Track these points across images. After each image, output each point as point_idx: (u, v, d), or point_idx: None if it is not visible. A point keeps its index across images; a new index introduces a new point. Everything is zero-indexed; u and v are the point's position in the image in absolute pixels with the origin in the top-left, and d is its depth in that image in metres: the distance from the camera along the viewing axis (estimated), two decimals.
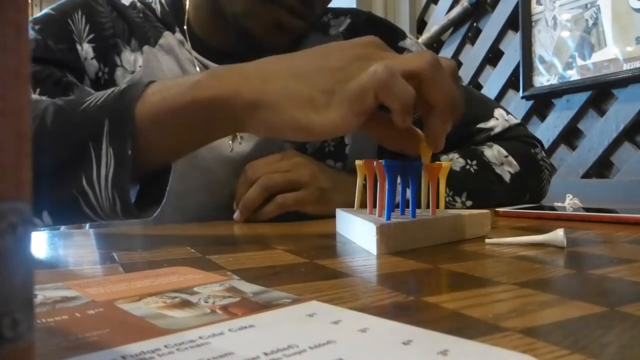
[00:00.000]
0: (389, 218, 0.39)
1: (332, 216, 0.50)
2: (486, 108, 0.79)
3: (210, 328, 0.19)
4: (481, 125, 0.77)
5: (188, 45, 0.73)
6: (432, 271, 0.30)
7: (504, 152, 0.72)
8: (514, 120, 0.80)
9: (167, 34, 0.72)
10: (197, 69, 0.72)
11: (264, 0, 0.64)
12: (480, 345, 0.17)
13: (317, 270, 0.31)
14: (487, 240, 0.39)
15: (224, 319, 0.20)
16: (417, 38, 1.58)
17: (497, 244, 0.39)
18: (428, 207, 0.43)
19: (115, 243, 0.47)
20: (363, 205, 0.46)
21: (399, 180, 0.40)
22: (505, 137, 0.77)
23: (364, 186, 0.46)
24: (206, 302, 0.23)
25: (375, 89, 0.38)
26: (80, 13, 0.69)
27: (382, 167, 0.39)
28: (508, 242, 0.39)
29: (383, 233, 0.36)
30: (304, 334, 0.18)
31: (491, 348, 0.17)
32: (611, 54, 1.24)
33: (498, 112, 0.79)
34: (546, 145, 0.93)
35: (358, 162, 0.45)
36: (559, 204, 0.63)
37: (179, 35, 0.73)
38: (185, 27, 0.74)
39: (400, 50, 0.78)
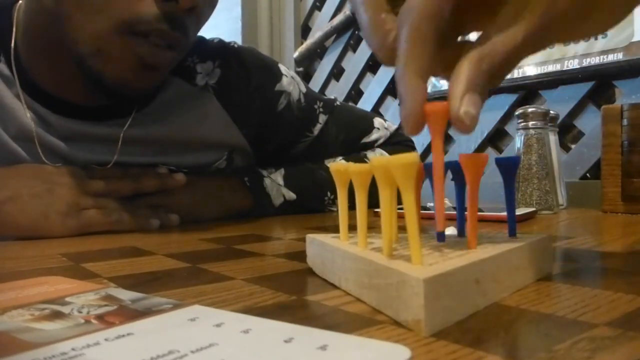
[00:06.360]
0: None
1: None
2: (366, 122, 0.83)
3: (84, 339, 0.18)
4: (365, 139, 0.81)
5: (17, 86, 0.55)
6: (313, 271, 0.31)
7: (387, 155, 0.77)
8: (393, 127, 0.85)
9: None
10: (31, 122, 0.55)
11: (121, 33, 0.48)
12: (357, 338, 0.18)
13: (199, 274, 0.31)
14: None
15: (99, 329, 0.19)
16: (301, 43, 1.60)
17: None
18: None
19: None
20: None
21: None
22: (390, 143, 0.82)
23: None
24: (80, 312, 0.22)
25: None
26: None
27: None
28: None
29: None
30: (185, 338, 0.18)
31: (367, 340, 0.18)
32: None
33: (377, 121, 0.84)
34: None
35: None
36: (431, 204, 0.68)
37: (2, 66, 0.55)
38: (12, 60, 0.55)
39: (278, 95, 0.71)
